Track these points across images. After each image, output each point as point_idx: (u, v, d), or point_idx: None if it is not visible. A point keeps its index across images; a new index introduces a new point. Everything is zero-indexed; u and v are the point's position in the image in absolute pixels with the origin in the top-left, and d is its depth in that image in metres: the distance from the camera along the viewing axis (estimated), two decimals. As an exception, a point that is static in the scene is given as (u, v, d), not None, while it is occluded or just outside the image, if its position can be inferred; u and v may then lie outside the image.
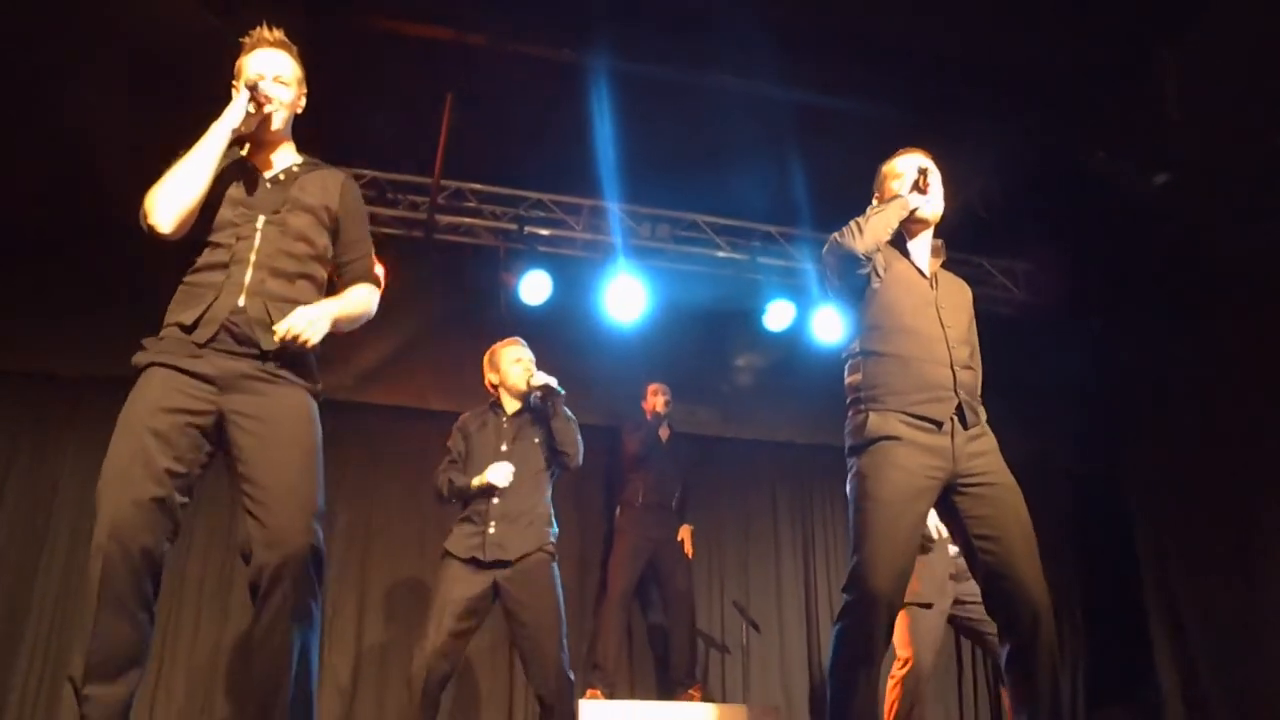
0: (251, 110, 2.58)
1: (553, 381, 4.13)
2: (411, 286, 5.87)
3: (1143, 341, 6.26)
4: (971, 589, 4.11)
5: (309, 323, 2.50)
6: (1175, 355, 6.04)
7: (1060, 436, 6.70)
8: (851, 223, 2.99)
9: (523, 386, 4.21)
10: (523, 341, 4.38)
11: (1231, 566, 5.56)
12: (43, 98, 4.88)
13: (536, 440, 4.19)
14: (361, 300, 2.75)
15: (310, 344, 2.51)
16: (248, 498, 2.44)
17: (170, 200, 2.47)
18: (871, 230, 2.95)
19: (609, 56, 4.83)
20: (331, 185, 2.73)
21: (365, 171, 5.78)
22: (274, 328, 2.48)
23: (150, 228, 2.48)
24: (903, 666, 4.23)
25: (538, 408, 4.23)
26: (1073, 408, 6.77)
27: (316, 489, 2.48)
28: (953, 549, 4.25)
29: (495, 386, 4.34)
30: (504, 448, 4.16)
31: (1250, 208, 5.37)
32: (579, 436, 4.21)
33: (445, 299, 6.08)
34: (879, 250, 2.98)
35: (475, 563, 3.94)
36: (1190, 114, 4.70)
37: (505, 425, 4.23)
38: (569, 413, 4.20)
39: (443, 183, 5.76)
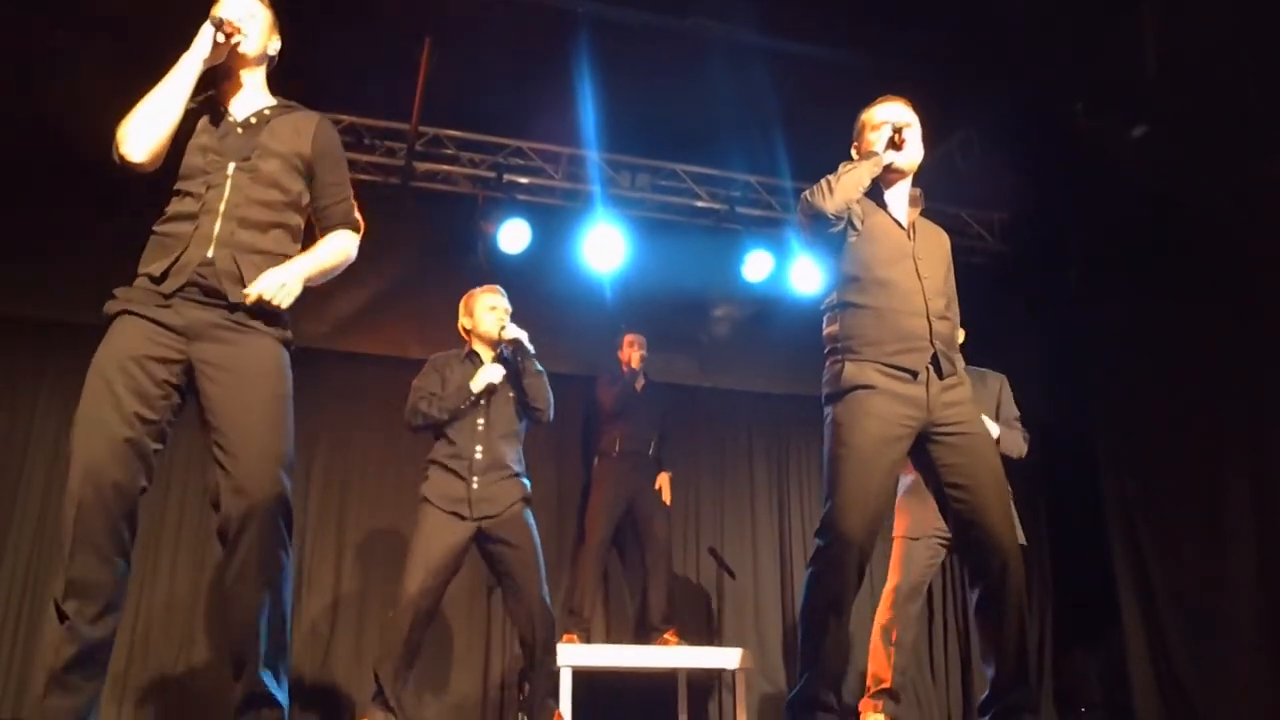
0: (220, 40, 2.53)
1: (524, 336, 4.15)
2: (389, 234, 5.79)
3: (1117, 294, 6.30)
4: None
5: (279, 286, 2.47)
6: (1149, 309, 6.09)
7: (1033, 386, 6.76)
8: (822, 181, 2.97)
9: (494, 334, 4.21)
10: (501, 290, 4.36)
11: (1197, 518, 5.66)
12: (12, 37, 4.78)
13: (510, 394, 4.21)
14: (338, 250, 2.68)
15: (282, 307, 2.48)
16: (216, 446, 2.44)
17: (142, 131, 2.45)
18: (842, 190, 2.94)
19: (590, 1, 4.77)
20: (304, 128, 2.67)
21: (342, 117, 5.71)
22: (245, 290, 2.45)
23: (122, 158, 2.45)
24: (892, 588, 4.44)
25: (509, 360, 4.24)
26: (1047, 358, 6.84)
27: (284, 438, 2.47)
28: None
29: (468, 332, 4.33)
30: (480, 400, 4.17)
31: (1227, 163, 5.40)
32: (549, 392, 4.24)
33: (423, 247, 6.04)
34: (851, 206, 2.98)
35: (459, 516, 3.98)
36: (1169, 67, 4.70)
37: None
38: (539, 367, 4.22)
39: (420, 129, 5.70)
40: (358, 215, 2.79)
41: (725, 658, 5.24)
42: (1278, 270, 5.29)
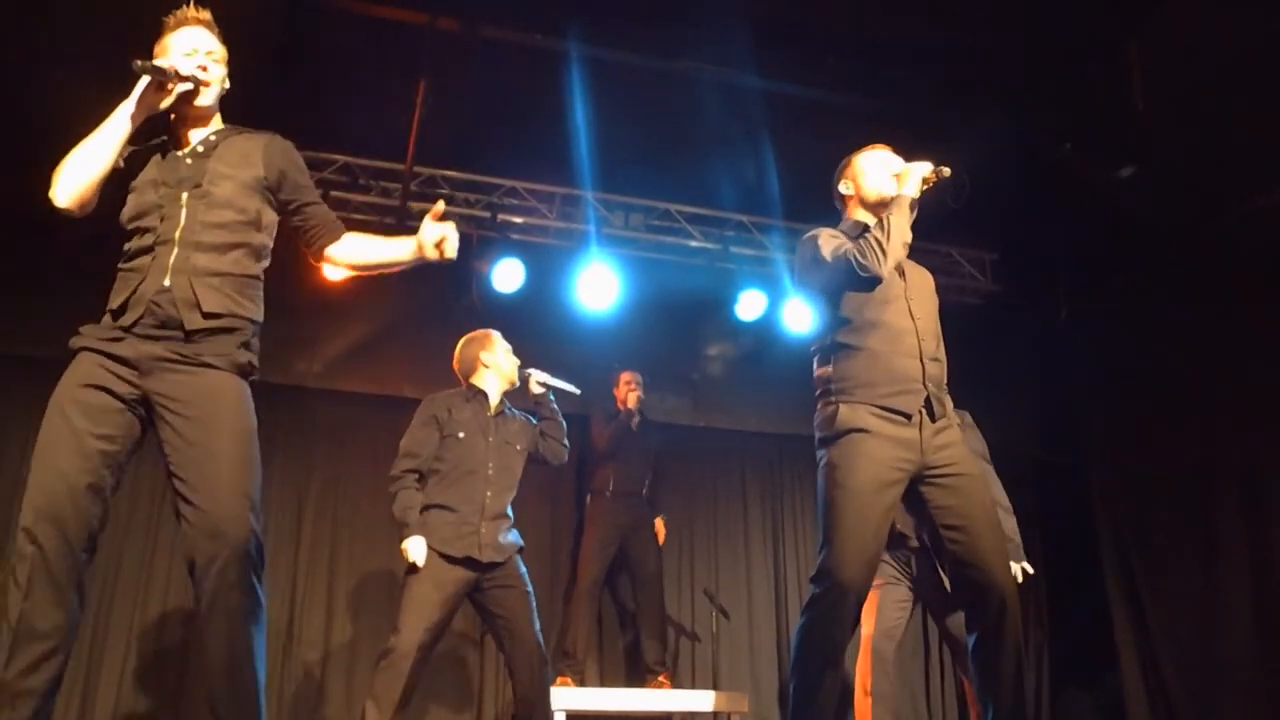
0: (166, 86, 2.50)
1: (550, 378, 4.30)
2: (383, 274, 5.83)
3: (1108, 332, 6.34)
4: None
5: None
6: (1140, 346, 6.12)
7: (1027, 426, 6.78)
8: (869, 242, 2.83)
9: (514, 375, 4.24)
10: None
11: (1191, 555, 5.66)
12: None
13: (518, 447, 4.20)
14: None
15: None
16: (180, 482, 2.39)
17: (70, 177, 2.45)
18: (894, 249, 2.85)
19: (583, 43, 4.82)
20: (253, 149, 2.65)
21: (338, 157, 5.75)
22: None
23: (51, 201, 2.46)
24: (867, 635, 4.32)
25: (540, 403, 4.31)
26: (1039, 397, 6.86)
27: (249, 476, 2.42)
28: None
29: (484, 366, 4.25)
30: (490, 439, 4.13)
31: (1216, 199, 5.45)
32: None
33: (417, 286, 6.00)
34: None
35: (469, 563, 3.90)
36: (1156, 106, 4.76)
37: (490, 419, 4.19)
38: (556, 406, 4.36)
39: (415, 169, 5.73)
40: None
41: (719, 700, 5.18)
42: (1268, 302, 5.33)
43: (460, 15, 4.68)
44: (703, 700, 5.22)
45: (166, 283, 2.44)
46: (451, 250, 2.70)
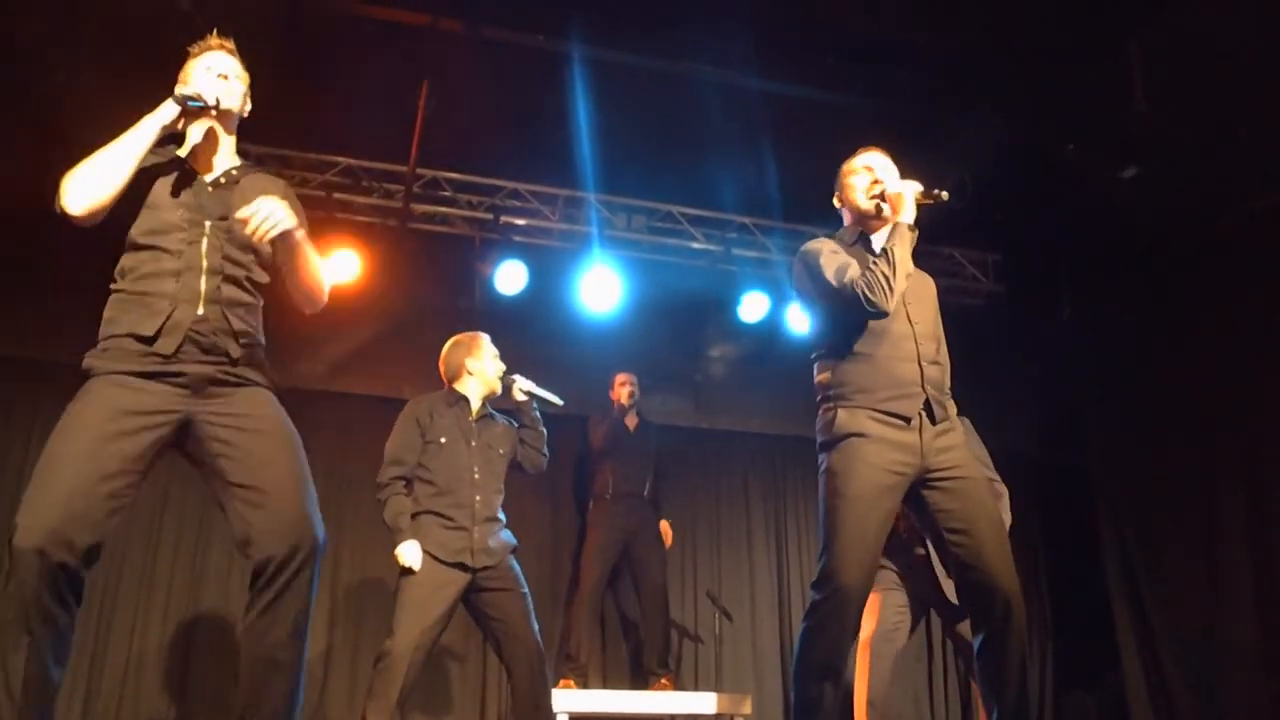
0: (191, 108, 2.51)
1: (534, 387, 4.25)
2: (386, 275, 5.85)
3: (1110, 332, 6.34)
4: None
5: (273, 213, 2.43)
6: (1141, 346, 6.12)
7: (1029, 427, 6.78)
8: (876, 277, 2.83)
9: (496, 384, 4.22)
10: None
11: (1194, 556, 5.65)
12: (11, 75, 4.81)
13: (501, 451, 4.21)
14: (318, 259, 2.69)
15: (266, 236, 2.43)
16: (245, 490, 2.43)
17: (85, 186, 2.40)
18: (899, 281, 2.86)
19: (585, 45, 4.83)
20: (272, 190, 2.67)
21: (340, 159, 5.76)
22: (239, 213, 2.44)
23: (61, 210, 2.41)
24: (866, 638, 4.30)
25: (521, 410, 4.28)
26: (1040, 397, 6.86)
27: (310, 483, 2.53)
28: None
29: (468, 373, 4.25)
30: (473, 443, 4.14)
31: (1216, 199, 5.45)
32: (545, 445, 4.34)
33: (420, 288, 6.05)
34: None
35: (461, 567, 3.92)
36: (1158, 106, 4.76)
37: (472, 424, 4.19)
38: (538, 413, 4.32)
39: (418, 171, 5.74)
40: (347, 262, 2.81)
41: (722, 702, 5.19)
42: (1269, 302, 5.33)
43: (462, 16, 4.69)
44: (705, 702, 5.23)
45: (201, 311, 2.46)
46: (264, 226, 2.45)
